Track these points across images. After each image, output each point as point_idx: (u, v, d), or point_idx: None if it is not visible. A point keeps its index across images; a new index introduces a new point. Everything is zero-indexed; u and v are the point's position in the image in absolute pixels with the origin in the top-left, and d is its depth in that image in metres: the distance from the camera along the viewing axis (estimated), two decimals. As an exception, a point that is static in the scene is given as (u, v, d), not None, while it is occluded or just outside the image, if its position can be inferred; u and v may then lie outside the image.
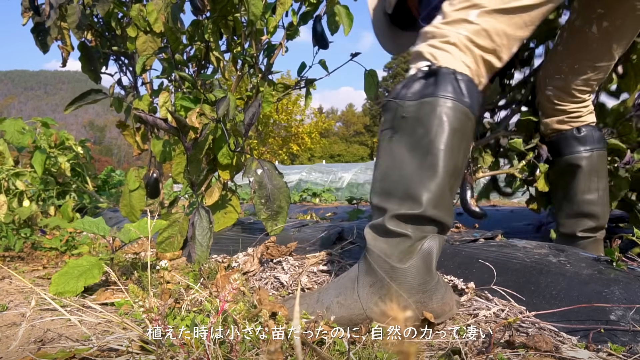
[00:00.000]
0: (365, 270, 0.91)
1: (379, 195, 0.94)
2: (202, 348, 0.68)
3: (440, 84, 0.89)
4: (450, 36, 0.92)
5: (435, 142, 0.87)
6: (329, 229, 1.63)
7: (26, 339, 0.88)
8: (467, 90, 0.89)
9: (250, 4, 1.52)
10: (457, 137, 0.89)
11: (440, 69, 0.90)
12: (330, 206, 4.64)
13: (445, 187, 0.88)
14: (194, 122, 1.51)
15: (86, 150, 3.08)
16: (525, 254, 1.11)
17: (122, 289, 1.18)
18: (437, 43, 0.94)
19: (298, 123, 19.98)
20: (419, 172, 0.88)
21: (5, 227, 1.90)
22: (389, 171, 0.93)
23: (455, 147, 0.88)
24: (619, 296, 0.87)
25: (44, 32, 2.32)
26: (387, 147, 0.95)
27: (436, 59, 0.93)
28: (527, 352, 0.75)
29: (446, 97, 0.88)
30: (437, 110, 0.88)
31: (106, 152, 73.86)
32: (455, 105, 0.88)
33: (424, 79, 0.92)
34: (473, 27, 0.92)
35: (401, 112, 0.92)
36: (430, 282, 0.87)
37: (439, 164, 0.87)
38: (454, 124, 0.88)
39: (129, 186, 1.90)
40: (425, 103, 0.89)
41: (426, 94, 0.90)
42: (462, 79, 0.90)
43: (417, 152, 0.89)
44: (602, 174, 1.39)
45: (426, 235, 0.88)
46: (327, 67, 1.87)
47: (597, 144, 1.38)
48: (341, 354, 0.76)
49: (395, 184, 0.91)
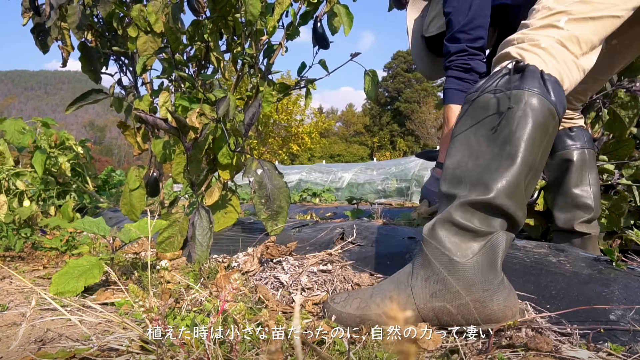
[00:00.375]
0: (421, 263, 0.87)
1: (449, 182, 0.91)
2: (202, 348, 0.69)
3: (527, 78, 0.87)
4: (540, 40, 0.92)
5: (517, 132, 0.85)
6: (329, 229, 1.63)
7: (26, 339, 0.88)
8: (553, 88, 0.87)
9: (248, 4, 1.52)
10: (540, 132, 0.86)
11: (527, 65, 0.89)
12: (330, 206, 4.64)
13: (522, 180, 0.84)
14: (194, 122, 1.51)
15: (86, 150, 3.09)
16: (525, 254, 1.11)
17: (122, 288, 1.18)
18: (526, 46, 0.93)
19: (298, 123, 19.97)
20: (496, 161, 0.85)
21: (5, 227, 1.90)
22: (463, 160, 0.90)
23: (536, 142, 0.85)
24: (619, 296, 0.87)
25: (44, 32, 2.32)
26: (463, 137, 0.92)
27: (523, 58, 0.92)
28: (527, 352, 0.75)
29: (532, 91, 0.86)
30: (521, 102, 0.86)
31: (106, 152, 73.86)
32: (541, 100, 0.86)
33: (510, 74, 0.91)
34: (563, 33, 0.92)
35: (482, 103, 0.91)
36: (492, 281, 0.81)
37: (517, 155, 0.84)
38: (538, 118, 0.85)
39: (129, 185, 1.90)
40: (510, 95, 0.87)
41: (511, 87, 0.88)
42: (548, 78, 0.88)
43: (496, 142, 0.86)
44: (593, 171, 1.44)
45: (493, 230, 0.84)
46: (327, 67, 1.87)
47: (587, 143, 1.44)
48: (341, 354, 0.76)
49: (469, 171, 0.88)
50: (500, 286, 0.82)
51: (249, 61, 1.80)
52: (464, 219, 0.84)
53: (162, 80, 1.98)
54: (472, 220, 0.84)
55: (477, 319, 0.81)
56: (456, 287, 0.81)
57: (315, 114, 22.69)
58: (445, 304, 0.82)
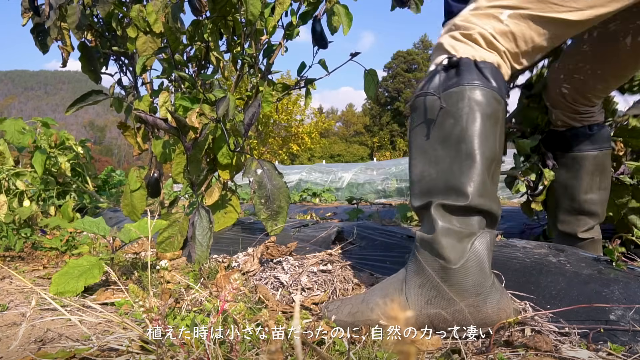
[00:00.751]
0: (415, 270, 0.87)
1: (419, 196, 0.90)
2: (202, 348, 0.69)
3: (464, 72, 0.87)
4: (473, 30, 0.90)
5: (468, 129, 0.84)
6: (329, 229, 1.63)
7: (26, 339, 0.88)
8: (491, 75, 0.86)
9: (249, 4, 1.52)
10: (490, 123, 0.85)
11: (461, 59, 0.88)
12: (330, 206, 4.64)
13: (486, 175, 0.84)
14: (193, 122, 1.51)
15: (86, 150, 3.09)
16: (525, 254, 1.11)
17: (122, 288, 1.18)
18: (458, 36, 0.91)
19: (298, 123, 19.96)
20: (457, 163, 0.84)
21: (5, 227, 1.90)
22: (425, 171, 0.89)
23: (489, 133, 0.85)
24: (619, 296, 0.87)
25: (43, 32, 2.32)
26: (418, 146, 0.92)
27: (456, 51, 0.90)
28: (527, 352, 0.75)
29: (472, 84, 0.85)
30: (465, 98, 0.85)
31: (106, 152, 73.87)
32: (483, 90, 0.85)
33: (446, 71, 0.90)
34: (500, 27, 0.89)
35: (427, 107, 0.90)
36: (484, 285, 0.81)
37: (475, 151, 0.83)
38: (484, 110, 0.85)
39: (130, 186, 1.90)
40: (451, 93, 0.87)
41: (450, 85, 0.87)
42: (484, 66, 0.87)
43: (450, 143, 0.86)
44: (605, 174, 1.38)
45: (475, 231, 0.83)
46: (327, 67, 1.87)
47: (604, 143, 1.36)
48: (341, 354, 0.76)
49: (435, 181, 0.87)
50: (492, 289, 0.82)
51: (249, 61, 1.80)
52: (444, 221, 0.84)
53: (162, 80, 1.99)
54: (452, 221, 0.84)
55: (473, 323, 0.81)
56: (450, 294, 0.81)
57: (315, 114, 22.69)
58: (440, 310, 0.82)
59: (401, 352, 0.25)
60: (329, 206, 4.63)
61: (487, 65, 0.87)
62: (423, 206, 0.89)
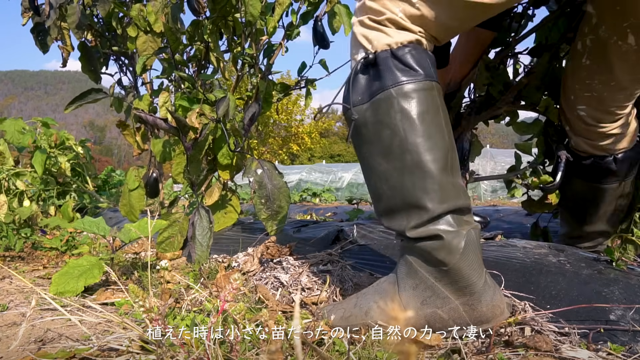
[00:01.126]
0: (406, 272, 0.85)
1: (385, 216, 0.87)
2: (202, 348, 0.69)
3: (384, 73, 0.80)
4: (383, 15, 0.82)
5: (408, 137, 0.78)
6: (329, 229, 1.63)
7: (26, 339, 0.88)
8: (414, 61, 0.79)
9: (248, 4, 1.52)
10: (430, 117, 0.80)
11: (377, 56, 0.81)
12: (330, 206, 4.64)
13: (443, 177, 0.80)
14: (193, 122, 1.51)
15: (86, 150, 3.09)
16: (525, 254, 1.11)
17: (122, 288, 1.18)
18: (368, 21, 0.84)
19: (298, 123, 19.98)
20: (407, 176, 0.80)
21: (5, 227, 1.90)
22: (379, 188, 0.85)
23: (432, 130, 0.79)
24: (619, 296, 0.87)
25: (43, 32, 2.32)
26: (364, 162, 0.87)
27: (370, 42, 0.83)
28: (526, 352, 0.76)
29: (397, 83, 0.79)
30: (394, 104, 0.79)
31: (106, 152, 73.89)
32: (411, 86, 0.79)
33: (366, 72, 0.83)
34: (411, 10, 0.81)
35: (358, 119, 0.84)
36: (477, 282, 0.80)
37: (423, 159, 0.78)
38: (419, 108, 0.79)
39: (128, 186, 1.90)
40: (379, 101, 0.81)
41: (375, 90, 0.81)
42: (403, 53, 0.80)
43: (394, 156, 0.81)
44: (628, 195, 1.28)
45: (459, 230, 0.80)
46: (328, 67, 1.87)
47: (632, 171, 1.22)
48: (341, 354, 0.76)
49: (391, 199, 0.83)
50: (485, 286, 0.81)
51: (249, 61, 1.80)
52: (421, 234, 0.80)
53: (162, 80, 1.99)
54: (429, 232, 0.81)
55: (468, 321, 0.81)
56: (445, 293, 0.81)
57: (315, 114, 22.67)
58: (435, 309, 0.82)
59: (401, 351, 0.25)
60: (329, 206, 4.63)
61: (406, 50, 0.80)
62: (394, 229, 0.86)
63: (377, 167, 0.84)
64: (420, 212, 0.80)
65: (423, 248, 0.82)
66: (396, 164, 0.81)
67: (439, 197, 0.80)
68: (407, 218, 0.82)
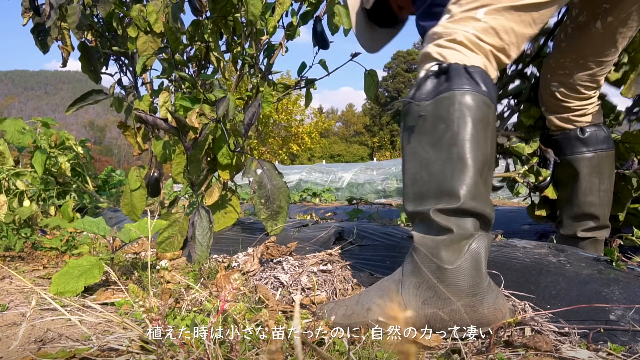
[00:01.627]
0: (411, 270, 0.87)
1: (413, 200, 0.91)
2: (202, 348, 0.69)
3: (454, 78, 0.88)
4: (457, 34, 0.91)
5: (460, 133, 0.85)
6: (329, 229, 1.63)
7: (26, 339, 0.88)
8: (481, 80, 0.88)
9: (249, 4, 1.52)
10: (481, 127, 0.87)
11: (450, 65, 0.89)
12: (330, 206, 4.64)
13: (478, 178, 0.85)
14: (193, 122, 1.51)
15: (86, 150, 3.09)
16: (525, 254, 1.11)
17: (122, 288, 1.18)
18: (443, 42, 0.93)
19: (298, 123, 19.97)
20: (449, 166, 0.86)
21: (5, 227, 1.90)
22: (417, 174, 0.91)
23: (480, 137, 0.86)
24: (619, 296, 0.87)
25: (44, 32, 2.32)
26: (410, 151, 0.93)
27: (445, 57, 0.92)
28: (526, 352, 0.76)
29: (462, 88, 0.86)
30: (455, 103, 0.86)
31: (106, 152, 73.89)
32: (473, 95, 0.86)
33: (436, 77, 0.91)
34: (480, 25, 0.91)
35: (419, 112, 0.91)
36: (480, 285, 0.82)
37: (466, 155, 0.85)
38: (475, 114, 0.86)
39: (130, 186, 1.90)
40: (443, 99, 0.88)
41: (441, 90, 0.89)
42: (474, 70, 0.88)
43: (442, 147, 0.87)
44: (605, 175, 1.37)
45: (472, 234, 0.84)
46: (327, 67, 1.87)
47: (600, 145, 1.35)
48: (341, 354, 0.76)
49: (427, 183, 0.88)
50: (488, 289, 0.83)
51: (249, 61, 1.80)
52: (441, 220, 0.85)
53: (162, 80, 1.99)
54: (449, 221, 0.85)
55: (469, 323, 0.82)
56: (446, 294, 0.82)
57: (315, 114, 22.70)
58: (437, 310, 0.82)
59: (401, 351, 0.25)
60: (329, 206, 4.63)
61: (476, 69, 0.89)
62: (416, 212, 0.90)
63: (423, 155, 0.90)
64: (451, 200, 0.84)
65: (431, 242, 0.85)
66: (442, 154, 0.87)
67: (472, 193, 0.84)
68: (436, 202, 0.86)
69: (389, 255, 1.35)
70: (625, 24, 1.18)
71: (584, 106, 1.36)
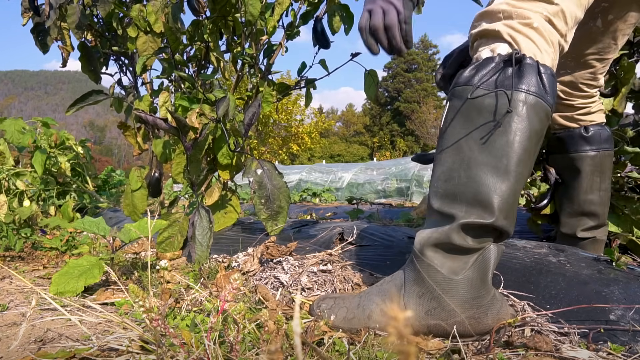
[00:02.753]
0: (414, 279, 0.84)
1: (442, 198, 0.84)
2: (202, 348, 0.69)
3: (525, 75, 0.79)
4: (531, 18, 0.82)
5: (514, 143, 0.78)
6: (329, 229, 1.63)
7: (27, 339, 0.88)
8: (550, 86, 0.80)
9: (248, 4, 1.52)
10: (536, 140, 0.80)
11: (524, 58, 0.80)
12: (330, 206, 4.64)
13: (517, 194, 0.80)
14: (193, 122, 1.51)
15: (86, 150, 3.09)
16: (524, 254, 1.11)
17: (122, 288, 1.18)
18: (517, 26, 0.83)
19: (298, 123, 19.97)
20: (491, 176, 0.78)
21: (5, 227, 1.90)
22: (454, 170, 0.83)
23: (532, 151, 0.80)
24: (619, 296, 0.87)
25: (43, 32, 2.32)
26: (452, 140, 0.84)
27: (517, 44, 0.82)
28: (527, 352, 0.75)
29: (530, 92, 0.78)
30: (519, 107, 0.78)
31: (106, 152, 73.89)
32: (539, 103, 0.79)
33: (503, 65, 0.81)
34: (553, 8, 0.82)
35: (475, 102, 0.81)
36: (485, 297, 0.79)
37: (514, 169, 0.78)
38: (535, 125, 0.79)
39: (131, 186, 1.90)
40: (509, 96, 0.79)
41: (506, 85, 0.79)
42: (545, 72, 0.80)
43: (491, 151, 0.79)
44: (606, 175, 1.38)
45: (484, 245, 0.80)
46: (327, 67, 1.87)
47: (603, 144, 1.36)
48: (341, 354, 0.76)
49: (463, 186, 0.81)
50: (493, 300, 0.81)
51: (249, 61, 1.80)
52: (460, 239, 0.80)
53: (162, 80, 1.99)
54: (467, 239, 0.80)
55: (472, 334, 0.81)
56: (451, 306, 0.80)
57: (315, 114, 22.70)
58: (440, 322, 0.81)
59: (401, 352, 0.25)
60: (329, 206, 4.62)
61: (548, 70, 0.81)
62: (444, 213, 0.83)
63: (466, 152, 0.82)
64: (485, 213, 0.79)
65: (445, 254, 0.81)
66: (489, 159, 0.79)
67: (506, 211, 0.79)
68: (467, 211, 0.80)
69: (389, 255, 1.35)
70: (625, 21, 1.18)
71: (587, 104, 1.35)
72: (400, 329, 0.22)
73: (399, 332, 0.22)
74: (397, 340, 0.22)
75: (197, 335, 0.75)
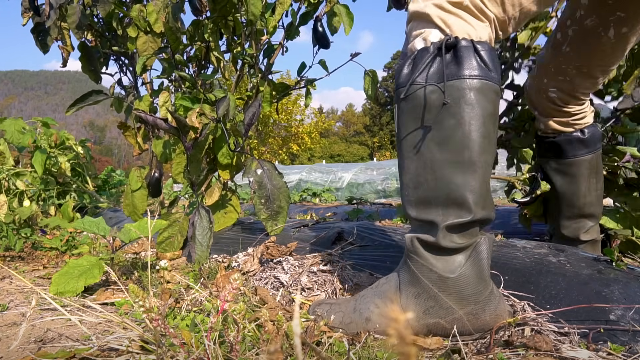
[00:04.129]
0: (409, 280, 0.83)
1: (417, 205, 0.83)
2: (202, 348, 0.69)
3: (464, 61, 0.76)
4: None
5: (472, 134, 0.76)
6: (329, 229, 1.63)
7: (26, 339, 0.88)
8: (491, 61, 0.77)
9: (250, 3, 1.52)
10: (491, 123, 0.77)
11: (458, 42, 0.76)
12: (330, 206, 4.64)
13: (488, 182, 0.79)
14: (194, 122, 1.51)
15: (86, 150, 3.09)
16: (524, 254, 1.11)
17: (122, 288, 1.18)
18: (446, 5, 0.79)
19: (298, 123, 19.98)
20: (459, 172, 0.77)
21: (5, 227, 1.90)
22: (420, 175, 0.81)
23: (491, 135, 0.77)
24: (619, 296, 0.87)
25: (44, 32, 2.32)
26: (410, 146, 0.82)
27: (449, 26, 0.79)
28: (526, 352, 0.75)
29: (473, 76, 0.75)
30: (466, 95, 0.75)
31: (106, 152, 73.90)
32: (485, 84, 0.76)
33: (438, 54, 0.78)
34: None
35: (418, 99, 0.79)
36: (483, 292, 0.79)
37: (477, 159, 0.76)
38: (487, 109, 0.76)
39: (131, 186, 1.90)
40: (450, 87, 0.76)
41: (449, 75, 0.76)
42: (483, 49, 0.76)
43: (450, 147, 0.77)
44: (600, 174, 1.37)
45: (474, 240, 0.80)
46: (327, 67, 1.87)
47: (597, 144, 1.34)
48: (341, 354, 0.76)
49: (434, 190, 0.79)
50: (490, 296, 0.81)
51: (249, 61, 1.80)
52: (447, 241, 0.79)
53: (162, 80, 1.99)
54: (453, 238, 0.80)
55: (471, 330, 0.81)
56: (448, 303, 0.80)
57: (315, 114, 22.70)
58: (439, 320, 0.81)
59: (402, 352, 0.25)
60: (329, 206, 4.62)
61: (485, 46, 0.77)
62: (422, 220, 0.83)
63: (427, 155, 0.79)
64: (462, 211, 0.78)
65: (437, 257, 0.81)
66: (451, 156, 0.77)
67: (482, 202, 0.78)
68: (444, 214, 0.79)
69: (388, 255, 1.35)
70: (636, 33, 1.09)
71: (583, 110, 1.32)
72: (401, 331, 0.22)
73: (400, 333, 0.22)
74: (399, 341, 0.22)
75: (197, 335, 0.75)
